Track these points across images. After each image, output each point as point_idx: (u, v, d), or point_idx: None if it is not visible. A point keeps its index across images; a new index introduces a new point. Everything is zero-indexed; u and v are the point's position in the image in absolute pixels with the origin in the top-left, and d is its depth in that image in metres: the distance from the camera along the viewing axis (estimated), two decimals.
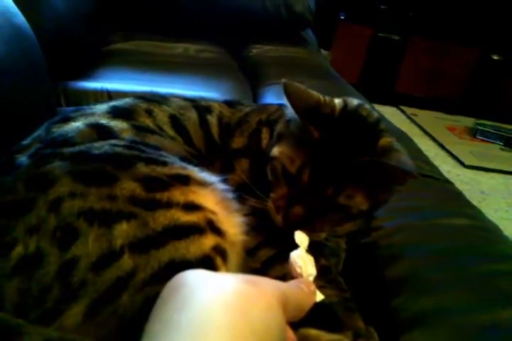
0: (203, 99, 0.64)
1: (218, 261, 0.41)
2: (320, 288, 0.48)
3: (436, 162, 2.40)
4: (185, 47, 1.43)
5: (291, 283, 0.34)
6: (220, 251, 0.42)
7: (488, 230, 0.69)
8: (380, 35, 3.03)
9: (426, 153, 2.65)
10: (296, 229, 0.48)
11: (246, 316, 0.25)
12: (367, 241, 0.61)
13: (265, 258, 0.50)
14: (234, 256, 0.45)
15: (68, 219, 0.38)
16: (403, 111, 2.97)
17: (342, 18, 3.05)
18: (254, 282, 0.28)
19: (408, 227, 0.63)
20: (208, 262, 0.40)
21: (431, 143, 2.54)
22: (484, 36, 3.02)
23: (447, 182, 0.83)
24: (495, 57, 3.09)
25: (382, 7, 3.11)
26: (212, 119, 0.59)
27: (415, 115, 2.89)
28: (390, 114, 2.92)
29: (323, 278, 0.49)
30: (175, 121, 0.56)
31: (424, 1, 3.03)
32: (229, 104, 0.64)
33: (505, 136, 2.66)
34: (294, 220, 0.48)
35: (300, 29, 1.68)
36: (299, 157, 0.49)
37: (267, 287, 0.29)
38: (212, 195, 0.45)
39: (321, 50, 2.25)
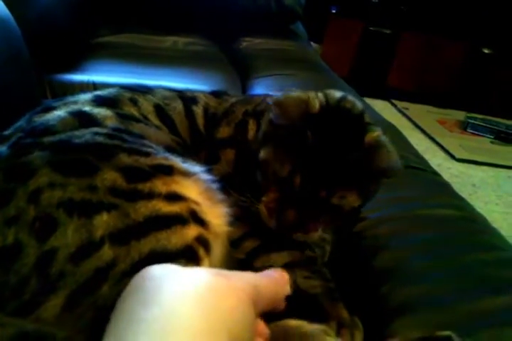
0: (188, 90, 0.63)
1: (201, 251, 0.41)
2: (304, 278, 0.48)
3: (427, 155, 2.42)
4: (175, 40, 1.41)
5: (265, 273, 0.34)
6: (202, 242, 0.42)
7: (475, 221, 0.69)
8: (372, 29, 3.03)
9: (417, 146, 2.67)
10: (290, 232, 0.49)
11: (216, 310, 0.25)
12: (353, 232, 0.61)
13: (250, 249, 0.49)
14: (217, 246, 0.45)
15: (47, 209, 0.38)
16: (394, 105, 2.97)
17: (333, 11, 3.04)
18: (225, 276, 0.28)
19: (395, 218, 0.63)
20: (190, 253, 0.40)
21: (422, 136, 2.55)
22: (475, 30, 3.03)
23: (435, 173, 0.83)
24: (485, 51, 3.10)
25: (374, 1, 3.10)
26: (198, 110, 0.58)
27: (406, 109, 2.90)
28: (382, 107, 2.93)
29: (307, 269, 0.49)
30: (160, 110, 0.55)
31: None
32: (215, 94, 0.63)
33: (495, 130, 2.67)
34: (287, 223, 0.48)
35: (290, 22, 1.67)
36: (289, 161, 0.48)
37: (237, 281, 0.28)
38: (196, 186, 0.45)
39: (312, 43, 2.24)
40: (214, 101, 0.61)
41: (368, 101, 2.93)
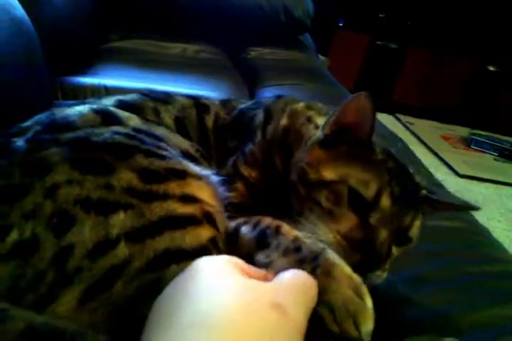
0: (203, 96, 0.64)
1: (214, 253, 0.41)
2: None
3: (431, 170, 2.41)
4: (184, 47, 1.43)
5: (294, 284, 0.32)
6: (215, 244, 0.42)
7: (480, 233, 0.69)
8: (378, 43, 3.06)
9: (421, 161, 2.66)
10: (374, 269, 0.43)
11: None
12: None
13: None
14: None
15: (64, 205, 0.38)
16: (399, 120, 2.99)
17: (340, 24, 3.08)
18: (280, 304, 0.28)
19: None
20: (205, 253, 0.40)
21: (426, 151, 2.55)
22: (481, 47, 3.06)
23: (439, 186, 0.83)
24: (491, 68, 3.13)
25: (381, 15, 3.15)
26: (209, 119, 0.59)
27: (411, 123, 2.91)
28: (386, 121, 2.94)
29: None
30: (179, 123, 0.56)
31: (423, 10, 3.07)
32: (223, 104, 0.63)
33: (499, 147, 2.68)
34: (376, 257, 0.42)
35: (298, 33, 1.69)
36: (375, 180, 0.45)
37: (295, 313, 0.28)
38: (208, 188, 0.45)
39: (320, 55, 2.26)
40: (223, 111, 0.61)
41: None
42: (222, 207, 0.47)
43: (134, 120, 0.49)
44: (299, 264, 0.37)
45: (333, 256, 0.38)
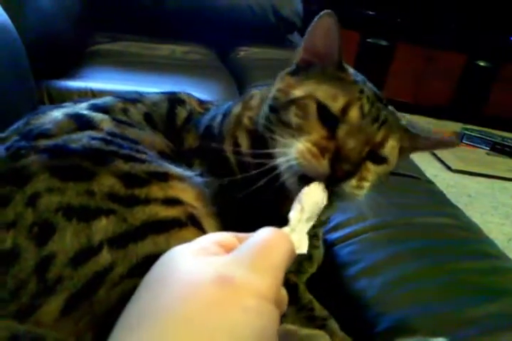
0: (183, 92, 0.62)
1: None
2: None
3: (424, 166, 2.42)
4: (172, 48, 1.43)
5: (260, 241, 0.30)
6: None
7: (469, 229, 0.69)
8: (368, 40, 3.07)
9: (413, 157, 2.66)
10: (345, 177, 0.43)
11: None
12: (344, 238, 0.61)
13: None
14: None
15: (45, 214, 0.38)
16: None
17: None
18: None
19: (387, 225, 0.64)
20: None
21: None
22: (471, 43, 3.07)
23: (429, 182, 0.83)
24: (481, 64, 3.14)
25: (371, 13, 3.15)
26: (182, 111, 0.57)
27: None
28: None
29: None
30: (148, 118, 0.54)
31: (412, 7, 3.07)
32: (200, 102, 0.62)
33: (491, 141, 2.70)
34: (345, 164, 0.42)
35: (287, 32, 1.69)
36: (343, 94, 0.46)
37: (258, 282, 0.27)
38: (191, 190, 0.45)
39: None
40: (199, 107, 0.60)
41: None
42: (209, 208, 0.46)
43: (106, 123, 0.48)
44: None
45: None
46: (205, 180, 0.48)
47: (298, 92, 0.47)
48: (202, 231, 0.42)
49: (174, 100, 0.58)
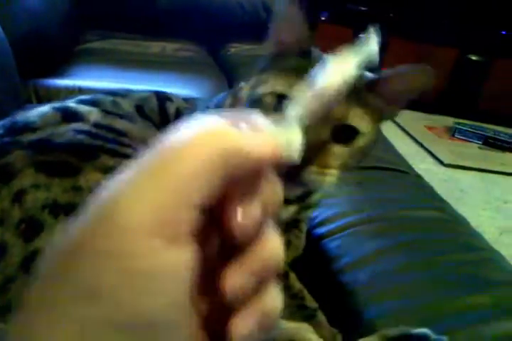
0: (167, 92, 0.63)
1: None
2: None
3: (416, 160, 2.44)
4: (163, 45, 1.42)
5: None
6: None
7: (456, 222, 0.70)
8: (361, 36, 3.07)
9: (406, 151, 2.69)
10: (301, 167, 0.41)
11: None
12: (332, 233, 0.61)
13: None
14: None
15: (32, 211, 0.38)
16: None
17: (323, 18, 3.08)
18: None
19: (374, 219, 0.64)
20: None
21: (410, 142, 2.58)
22: (463, 37, 3.08)
23: (418, 176, 0.84)
24: (473, 58, 3.15)
25: (363, 8, 3.15)
26: (172, 108, 0.57)
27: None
28: None
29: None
30: (140, 110, 0.55)
31: (405, 2, 3.08)
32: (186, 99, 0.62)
33: (483, 135, 2.71)
34: (306, 150, 0.42)
35: None
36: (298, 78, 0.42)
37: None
38: None
39: None
40: (185, 104, 0.60)
41: None
42: None
43: (93, 114, 0.48)
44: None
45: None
46: None
47: (261, 90, 0.46)
48: None
49: (162, 96, 0.59)
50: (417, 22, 3.07)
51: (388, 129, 2.69)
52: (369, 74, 0.47)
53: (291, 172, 0.41)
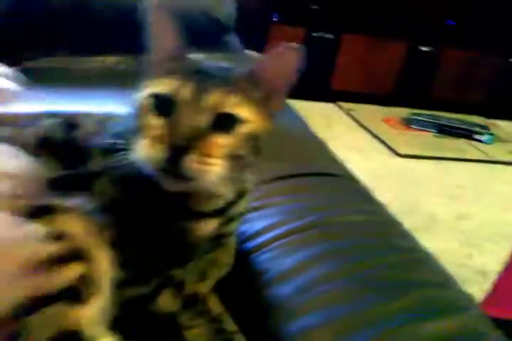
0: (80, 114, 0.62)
1: (86, 291, 0.41)
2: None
3: (373, 153, 2.50)
4: (102, 59, 1.40)
5: None
6: (87, 281, 0.42)
7: (386, 225, 0.72)
8: (314, 34, 3.10)
9: (363, 145, 2.74)
10: (181, 153, 0.42)
11: None
12: (259, 247, 0.62)
13: (134, 295, 0.48)
14: (104, 287, 0.45)
15: None
16: (341, 107, 3.05)
17: (275, 19, 3.09)
18: None
19: (302, 229, 0.65)
20: (72, 292, 0.40)
21: (368, 136, 2.63)
22: (412, 29, 3.16)
23: (352, 179, 0.86)
24: (423, 49, 3.24)
25: (314, 7, 3.18)
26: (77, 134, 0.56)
27: (352, 110, 2.97)
28: (329, 110, 3.00)
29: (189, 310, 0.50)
30: (43, 143, 0.53)
31: None
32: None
33: (438, 124, 2.79)
34: (181, 139, 0.42)
35: (221, 35, 1.69)
36: (176, 78, 0.46)
37: None
38: (80, 221, 0.45)
39: (256, 53, 2.26)
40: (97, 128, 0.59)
41: (315, 104, 3.00)
42: (105, 235, 0.46)
43: None
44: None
45: None
46: (100, 204, 0.48)
47: (140, 95, 0.48)
48: (90, 263, 0.43)
49: (69, 123, 0.57)
50: (367, 17, 3.13)
51: (346, 124, 2.74)
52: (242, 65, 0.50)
53: (170, 165, 0.42)
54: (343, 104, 3.05)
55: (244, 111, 0.47)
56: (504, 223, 1.85)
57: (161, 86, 0.47)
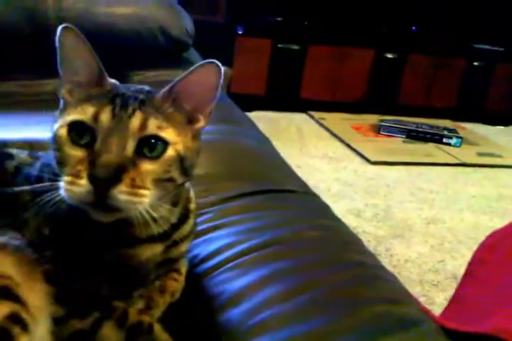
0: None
1: (16, 330, 0.39)
2: None
3: (344, 162, 2.51)
4: (57, 83, 1.38)
5: None
6: (17, 320, 0.40)
7: (341, 239, 0.72)
8: (280, 46, 3.14)
9: (335, 154, 2.76)
10: (106, 185, 0.41)
11: None
12: (210, 271, 0.61)
13: (73, 330, 0.46)
14: (41, 323, 0.43)
15: None
16: (312, 117, 3.08)
17: (240, 32, 3.12)
18: None
19: (255, 249, 0.64)
20: (2, 332, 0.38)
21: (339, 144, 2.65)
22: (377, 37, 3.23)
23: (311, 195, 0.86)
24: (389, 56, 3.31)
25: (279, 19, 3.23)
26: (10, 166, 0.54)
27: (323, 119, 3.00)
28: (300, 120, 3.03)
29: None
30: None
31: (318, 9, 3.19)
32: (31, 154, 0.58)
33: (406, 129, 2.84)
34: (104, 170, 0.41)
35: (180, 52, 1.69)
36: (93, 104, 0.44)
37: None
38: (7, 258, 0.43)
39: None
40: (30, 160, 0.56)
41: (287, 115, 3.02)
42: (36, 271, 0.45)
43: None
44: None
45: None
46: (33, 239, 0.46)
47: (55, 127, 0.46)
48: (18, 301, 0.41)
49: (2, 154, 0.56)
50: (331, 27, 3.19)
51: (317, 134, 2.76)
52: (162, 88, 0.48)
53: (97, 199, 0.41)
54: (313, 113, 3.08)
55: (167, 133, 0.45)
56: (475, 226, 1.88)
57: (76, 114, 0.45)
